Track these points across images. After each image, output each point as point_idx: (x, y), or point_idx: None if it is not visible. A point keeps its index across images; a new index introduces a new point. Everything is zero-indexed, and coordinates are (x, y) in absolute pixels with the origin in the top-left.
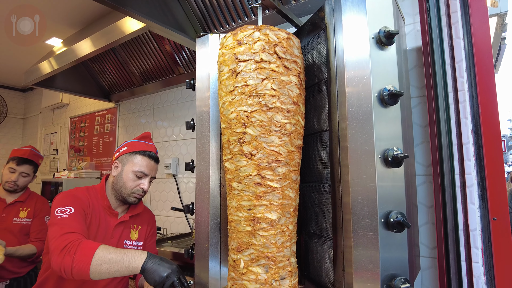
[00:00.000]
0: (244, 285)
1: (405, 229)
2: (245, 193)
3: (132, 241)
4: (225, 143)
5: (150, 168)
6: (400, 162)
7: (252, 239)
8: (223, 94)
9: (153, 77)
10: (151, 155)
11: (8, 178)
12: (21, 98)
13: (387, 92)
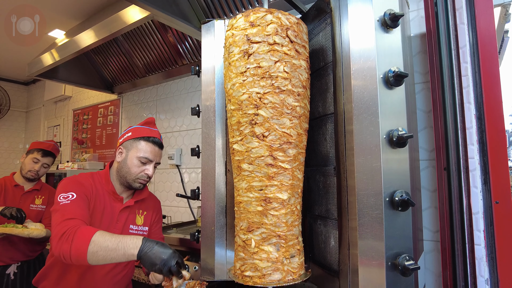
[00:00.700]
0: (256, 264)
1: (410, 208)
2: (256, 174)
3: (138, 226)
4: (233, 125)
5: (155, 154)
6: (404, 142)
7: (264, 218)
8: (233, 76)
9: (156, 68)
10: (155, 140)
11: (31, 167)
12: (24, 91)
13: (392, 73)
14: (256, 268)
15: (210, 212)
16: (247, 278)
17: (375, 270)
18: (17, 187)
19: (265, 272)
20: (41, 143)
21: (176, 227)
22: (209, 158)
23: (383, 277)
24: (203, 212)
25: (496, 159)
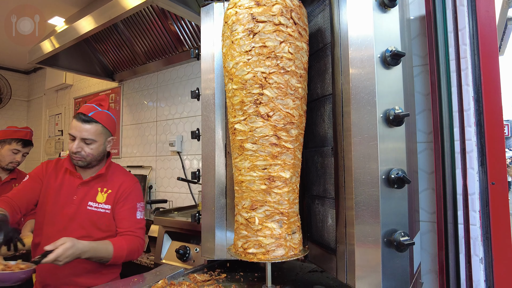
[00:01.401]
0: (260, 241)
1: (406, 186)
2: (260, 153)
3: (98, 203)
4: (235, 105)
5: (77, 129)
6: (401, 121)
7: (267, 196)
8: (236, 54)
9: (156, 55)
10: (79, 115)
11: (12, 159)
12: (25, 80)
13: (389, 52)
14: (260, 245)
15: (210, 193)
16: (250, 255)
17: (371, 246)
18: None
19: (269, 248)
20: (16, 132)
21: (177, 210)
22: (209, 141)
23: (379, 253)
24: (204, 194)
25: (493, 141)
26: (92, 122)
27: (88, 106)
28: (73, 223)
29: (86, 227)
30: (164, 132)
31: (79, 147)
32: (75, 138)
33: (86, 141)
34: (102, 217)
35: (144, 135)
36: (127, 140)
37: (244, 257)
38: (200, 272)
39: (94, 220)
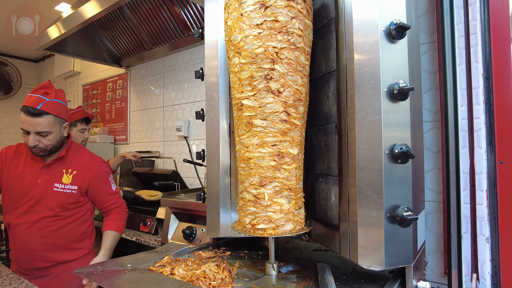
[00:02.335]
0: (270, 216)
1: (410, 161)
2: (270, 129)
3: (64, 184)
4: (243, 80)
5: (28, 123)
6: (405, 95)
7: (277, 172)
8: (245, 27)
9: (162, 40)
10: (27, 109)
11: (83, 138)
12: (34, 69)
13: (394, 25)
14: (270, 220)
15: (215, 173)
16: (260, 231)
17: (374, 222)
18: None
19: (279, 223)
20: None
21: (184, 192)
22: (213, 121)
23: (382, 228)
24: (208, 173)
25: (503, 119)
26: (43, 115)
27: (34, 98)
28: (39, 205)
29: (53, 208)
30: (171, 118)
31: (36, 140)
32: (29, 132)
33: (42, 133)
34: (69, 197)
35: (152, 120)
36: (135, 126)
37: (253, 233)
38: (205, 250)
39: (61, 200)
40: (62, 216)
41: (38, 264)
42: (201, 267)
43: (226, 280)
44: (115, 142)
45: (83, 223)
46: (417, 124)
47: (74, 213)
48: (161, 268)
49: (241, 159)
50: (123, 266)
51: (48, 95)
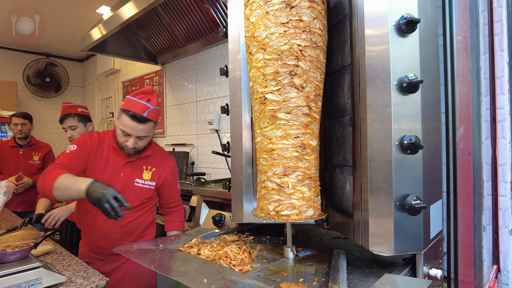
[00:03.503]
0: (293, 203)
1: (420, 152)
2: (293, 122)
3: (144, 180)
4: (268, 75)
5: (132, 128)
6: (415, 88)
7: (299, 163)
8: (271, 25)
9: (194, 37)
10: (133, 115)
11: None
12: (80, 68)
13: (404, 20)
14: (293, 207)
15: (239, 163)
16: (284, 217)
17: (384, 210)
18: None
19: (301, 210)
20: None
21: (214, 182)
22: (236, 115)
23: (391, 216)
24: (233, 164)
25: None
26: (147, 122)
27: (141, 105)
28: None
29: (132, 200)
30: (203, 112)
31: (135, 143)
32: (130, 135)
33: (141, 137)
34: (147, 192)
35: (186, 115)
36: (171, 120)
37: (278, 219)
38: (230, 234)
39: (140, 195)
40: (138, 208)
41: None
42: (224, 248)
43: (246, 260)
44: (153, 136)
45: (151, 214)
46: (431, 116)
47: (147, 205)
48: (189, 249)
49: (263, 151)
50: (156, 246)
51: (150, 101)
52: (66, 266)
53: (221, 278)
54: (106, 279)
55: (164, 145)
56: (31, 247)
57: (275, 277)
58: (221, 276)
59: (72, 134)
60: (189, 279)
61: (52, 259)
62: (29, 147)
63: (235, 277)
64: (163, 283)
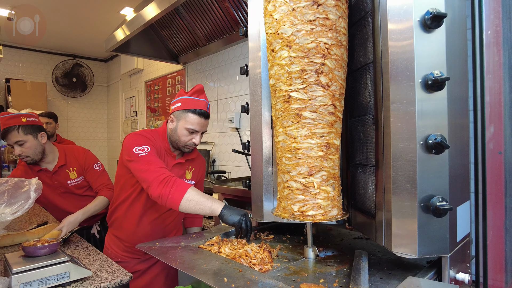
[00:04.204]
0: (319, 203)
1: (446, 151)
2: (319, 121)
3: (187, 180)
4: (293, 73)
5: (201, 125)
6: (441, 85)
7: (324, 162)
8: (297, 22)
9: (215, 36)
10: (201, 112)
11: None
12: (104, 68)
13: (429, 15)
14: (319, 207)
15: (259, 162)
16: (309, 217)
17: (408, 211)
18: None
19: (327, 210)
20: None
21: (234, 180)
22: (256, 113)
23: (415, 217)
24: (253, 162)
25: None
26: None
27: (203, 103)
28: None
29: None
30: (224, 110)
31: (200, 139)
32: (197, 132)
33: (203, 132)
34: None
35: None
36: None
37: (303, 219)
38: None
39: None
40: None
41: None
42: (244, 247)
43: (266, 259)
44: None
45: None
46: (459, 114)
47: None
48: (209, 247)
49: (286, 150)
50: (178, 243)
51: (206, 98)
52: (92, 261)
53: (241, 277)
54: (130, 275)
55: None
56: (59, 242)
57: (295, 277)
58: (241, 275)
59: (22, 151)
60: (209, 277)
61: (78, 254)
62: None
63: (255, 276)
64: (185, 280)
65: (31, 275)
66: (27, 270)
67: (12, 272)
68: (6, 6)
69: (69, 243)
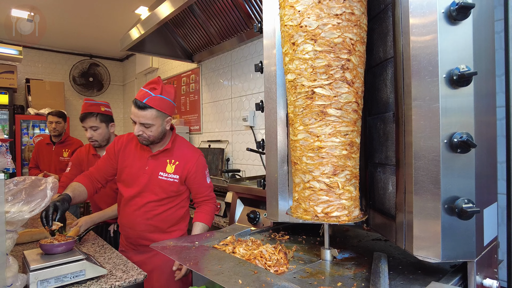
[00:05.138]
0: (343, 204)
1: (472, 150)
2: (343, 119)
3: (168, 173)
4: (318, 68)
5: (134, 114)
6: (467, 81)
7: (347, 161)
8: (324, 15)
9: (229, 33)
10: (135, 102)
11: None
12: (120, 67)
13: (455, 5)
14: (344, 208)
15: (273, 161)
16: (334, 218)
17: (430, 213)
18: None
19: (350, 210)
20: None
21: (249, 179)
22: (271, 111)
23: (439, 220)
24: (267, 161)
25: None
26: (147, 108)
27: (142, 92)
28: (147, 190)
29: (157, 193)
30: (238, 108)
31: (140, 130)
32: (134, 122)
33: (145, 125)
34: (171, 185)
35: (221, 111)
36: (207, 117)
37: (327, 221)
38: (265, 233)
39: (164, 187)
40: (164, 202)
41: (142, 242)
42: (259, 247)
43: (281, 261)
44: (190, 132)
45: (180, 209)
46: (486, 110)
47: (175, 199)
48: (224, 247)
49: (308, 149)
50: (192, 242)
51: (155, 90)
52: (107, 259)
53: (256, 279)
54: (144, 274)
55: (200, 141)
56: (75, 240)
57: (312, 280)
58: (256, 277)
59: (93, 134)
60: (223, 279)
61: (94, 251)
62: (61, 144)
63: (270, 278)
64: (199, 280)
65: (48, 273)
66: (44, 267)
67: (30, 269)
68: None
69: (85, 241)
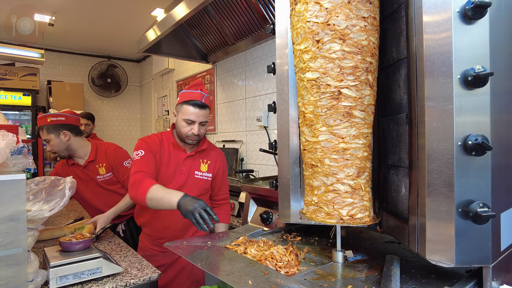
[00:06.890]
0: (365, 205)
1: (488, 153)
2: (366, 121)
3: (202, 172)
4: (346, 68)
5: (196, 114)
6: (483, 81)
7: (367, 163)
8: (353, 16)
9: (243, 34)
10: (195, 103)
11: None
12: (137, 68)
13: (471, 4)
14: (366, 209)
15: (285, 163)
16: (357, 220)
17: (444, 216)
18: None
19: (370, 211)
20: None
21: (262, 179)
22: (283, 112)
23: (452, 224)
24: (279, 163)
25: None
26: (206, 108)
27: (198, 93)
28: (184, 189)
29: (193, 191)
30: (252, 108)
31: (199, 130)
32: (194, 122)
33: (202, 123)
34: (206, 183)
35: (236, 112)
36: (221, 117)
37: (353, 223)
38: (277, 234)
39: (200, 186)
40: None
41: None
42: (270, 248)
43: (292, 262)
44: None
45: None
46: (503, 112)
47: (205, 196)
48: (236, 247)
49: (332, 150)
50: (205, 242)
51: (203, 90)
52: (123, 257)
53: (266, 281)
54: (158, 272)
55: (215, 141)
56: (92, 238)
57: (322, 282)
58: (266, 278)
59: (49, 147)
60: (234, 279)
61: (110, 250)
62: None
63: (280, 280)
64: (211, 280)
65: (66, 269)
66: (63, 264)
67: (50, 266)
68: (47, 12)
69: (102, 239)
